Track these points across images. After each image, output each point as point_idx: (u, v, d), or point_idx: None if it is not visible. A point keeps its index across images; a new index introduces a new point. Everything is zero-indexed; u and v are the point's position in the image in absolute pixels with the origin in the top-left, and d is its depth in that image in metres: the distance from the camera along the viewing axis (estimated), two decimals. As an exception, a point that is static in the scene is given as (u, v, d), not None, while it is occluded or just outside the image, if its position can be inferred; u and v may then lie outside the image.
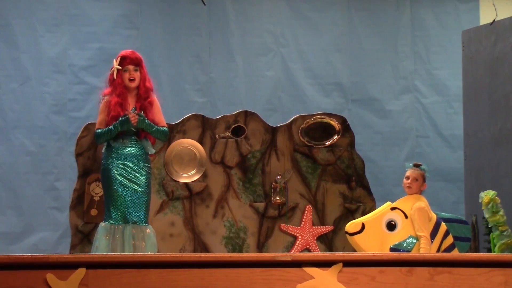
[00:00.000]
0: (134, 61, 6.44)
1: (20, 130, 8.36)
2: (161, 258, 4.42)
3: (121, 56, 6.44)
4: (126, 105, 6.39)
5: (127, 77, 6.40)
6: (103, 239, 6.31)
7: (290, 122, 7.81)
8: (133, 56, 6.47)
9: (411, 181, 6.18)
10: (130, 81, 6.40)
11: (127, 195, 6.32)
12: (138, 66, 6.46)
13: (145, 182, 6.40)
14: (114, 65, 6.44)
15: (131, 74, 6.41)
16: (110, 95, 6.45)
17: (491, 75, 8.01)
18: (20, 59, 8.40)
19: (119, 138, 6.37)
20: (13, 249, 8.14)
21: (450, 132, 9.17)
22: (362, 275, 4.43)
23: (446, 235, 6.18)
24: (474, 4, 9.29)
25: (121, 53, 6.47)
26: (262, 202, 7.63)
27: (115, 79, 6.41)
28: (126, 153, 6.38)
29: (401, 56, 9.21)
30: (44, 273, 4.23)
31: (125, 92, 6.40)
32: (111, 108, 6.35)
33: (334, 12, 9.11)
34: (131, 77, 6.40)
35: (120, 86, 6.39)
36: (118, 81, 6.40)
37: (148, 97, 6.43)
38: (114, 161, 6.35)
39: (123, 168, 6.35)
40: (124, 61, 6.43)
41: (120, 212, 6.29)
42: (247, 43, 8.93)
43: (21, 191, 8.31)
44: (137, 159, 6.41)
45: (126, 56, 6.44)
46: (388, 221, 6.12)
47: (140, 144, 6.42)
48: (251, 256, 4.82)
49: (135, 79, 6.41)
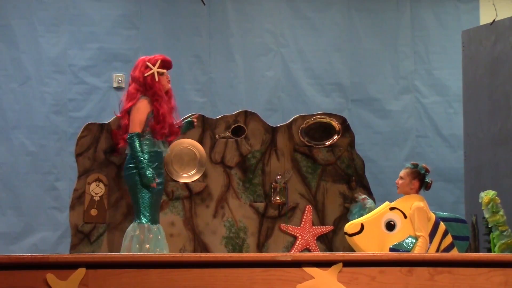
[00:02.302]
0: (170, 65, 6.77)
1: (20, 130, 8.36)
2: (161, 258, 4.43)
3: (162, 60, 6.70)
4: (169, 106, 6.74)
5: (166, 80, 6.72)
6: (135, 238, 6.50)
7: (290, 122, 7.81)
8: (169, 60, 6.79)
9: (398, 179, 6.26)
10: (168, 83, 6.74)
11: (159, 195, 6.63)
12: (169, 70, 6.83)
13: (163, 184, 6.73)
14: (152, 68, 6.64)
15: (168, 78, 6.75)
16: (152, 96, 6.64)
17: (491, 75, 8.01)
18: (20, 59, 8.40)
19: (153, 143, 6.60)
20: (13, 249, 8.14)
21: (450, 132, 9.17)
22: (362, 275, 4.44)
23: (445, 235, 6.18)
24: (474, 4, 9.29)
25: (158, 57, 6.73)
26: (262, 202, 7.63)
27: (157, 81, 6.65)
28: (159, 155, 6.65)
29: (401, 56, 9.21)
30: (44, 273, 4.23)
31: (164, 95, 6.71)
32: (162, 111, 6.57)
33: (334, 12, 9.11)
34: (168, 80, 6.75)
35: (161, 91, 6.66)
36: (160, 83, 6.67)
37: (173, 102, 6.79)
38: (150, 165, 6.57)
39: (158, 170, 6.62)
40: (164, 64, 6.68)
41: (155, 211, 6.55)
42: (247, 43, 8.93)
43: (21, 191, 8.31)
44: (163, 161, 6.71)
45: (163, 60, 6.73)
46: (387, 221, 6.12)
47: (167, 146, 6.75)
48: (251, 256, 4.82)
49: (169, 82, 6.77)
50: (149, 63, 6.76)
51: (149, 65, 6.75)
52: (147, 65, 6.76)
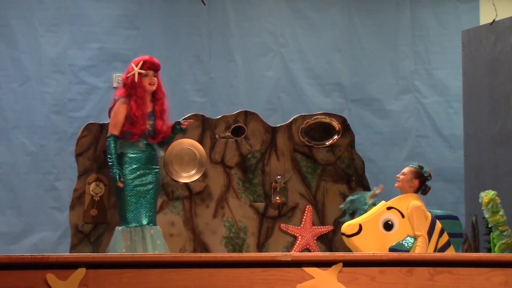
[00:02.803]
0: (154, 66, 6.72)
1: (20, 130, 8.35)
2: (161, 258, 4.43)
3: (144, 61, 6.66)
4: (145, 108, 6.62)
5: (148, 82, 6.65)
6: (121, 242, 6.46)
7: (290, 122, 7.81)
8: (154, 62, 6.74)
9: (399, 174, 6.26)
10: (150, 85, 6.64)
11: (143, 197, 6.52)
12: (157, 72, 6.71)
13: (156, 184, 6.63)
14: (134, 68, 6.61)
15: (151, 79, 6.68)
16: (126, 97, 6.64)
17: (491, 75, 8.01)
18: (20, 59, 8.40)
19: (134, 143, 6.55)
20: (13, 249, 8.14)
21: (450, 132, 9.17)
22: (362, 275, 4.44)
23: (442, 233, 6.17)
24: (474, 4, 9.29)
25: (142, 58, 6.71)
26: (262, 202, 7.63)
27: (136, 82, 6.60)
28: (141, 157, 6.58)
29: (401, 56, 9.21)
30: (44, 273, 4.24)
31: (144, 96, 6.63)
32: (134, 110, 6.54)
33: (334, 12, 9.11)
34: (152, 82, 6.67)
35: (141, 90, 6.59)
36: (139, 84, 6.61)
37: (163, 103, 6.70)
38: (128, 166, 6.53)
39: (139, 172, 6.53)
40: (144, 65, 6.64)
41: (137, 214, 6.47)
42: (247, 43, 8.93)
43: (21, 191, 8.31)
44: (150, 162, 6.62)
45: (147, 61, 6.68)
46: (385, 221, 6.10)
47: (152, 147, 6.65)
48: (251, 256, 4.82)
49: (154, 84, 6.67)
50: (133, 64, 6.79)
51: (133, 66, 6.77)
52: (131, 65, 6.79)
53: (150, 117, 6.81)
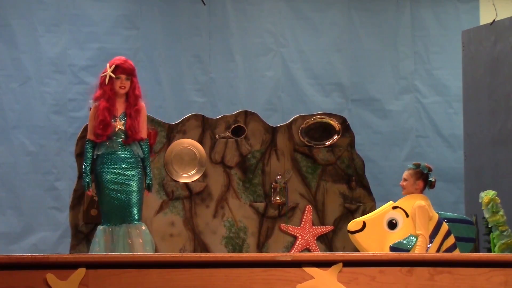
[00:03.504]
0: (127, 71, 6.67)
1: (20, 130, 8.36)
2: (161, 258, 4.43)
3: (116, 65, 6.64)
4: (114, 110, 6.63)
5: (118, 85, 6.63)
6: (102, 241, 6.44)
7: (290, 122, 7.81)
8: (126, 66, 6.68)
9: (402, 181, 6.26)
10: (120, 88, 6.62)
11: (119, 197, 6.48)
12: (130, 75, 6.68)
13: (136, 183, 6.56)
14: (107, 70, 6.59)
15: (122, 83, 6.65)
16: (98, 99, 6.65)
17: (491, 75, 8.01)
18: (20, 59, 8.40)
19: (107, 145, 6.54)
20: (13, 249, 8.14)
21: (450, 132, 9.17)
22: (362, 275, 4.44)
23: (448, 236, 6.17)
24: (474, 4, 9.29)
25: (115, 61, 6.67)
26: (262, 202, 7.63)
27: (106, 84, 6.60)
28: (115, 157, 6.57)
29: (401, 56, 9.21)
30: (44, 273, 4.23)
31: (113, 98, 6.63)
32: (98, 112, 6.56)
33: (334, 12, 9.11)
34: (122, 85, 6.64)
35: (110, 92, 6.60)
36: (108, 87, 6.61)
37: (136, 104, 6.66)
38: (104, 166, 6.52)
39: (113, 172, 6.51)
40: (117, 69, 6.63)
41: (113, 214, 6.44)
42: (247, 43, 8.93)
43: (21, 191, 8.31)
44: (126, 162, 6.59)
45: (119, 65, 6.65)
46: (389, 220, 6.13)
47: (128, 148, 6.61)
48: (251, 256, 4.82)
49: (125, 87, 6.63)
50: (108, 65, 6.76)
51: (107, 67, 6.74)
52: (107, 66, 6.76)
53: (123, 118, 6.78)
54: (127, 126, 6.68)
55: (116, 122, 6.65)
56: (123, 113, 6.65)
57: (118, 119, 6.68)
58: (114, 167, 6.60)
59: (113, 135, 6.60)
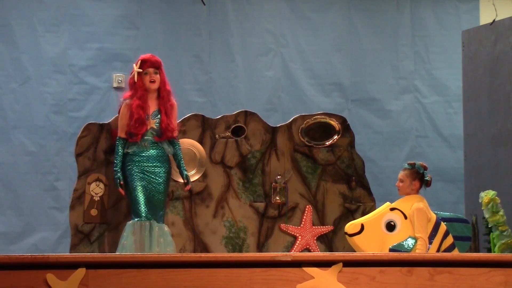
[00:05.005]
0: (154, 64, 6.70)
1: (20, 130, 8.36)
2: (161, 258, 4.43)
3: (141, 60, 6.68)
4: (147, 107, 6.64)
5: (148, 80, 6.64)
6: (130, 236, 6.50)
7: (290, 122, 7.81)
8: (153, 59, 6.73)
9: (398, 182, 6.25)
10: (151, 83, 6.63)
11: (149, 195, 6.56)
12: (158, 69, 6.72)
13: (164, 183, 6.67)
14: (134, 68, 6.62)
15: (151, 77, 6.67)
16: (130, 98, 6.66)
17: (491, 75, 8.01)
18: (20, 59, 8.40)
19: (139, 143, 6.59)
20: (13, 249, 8.14)
21: (450, 132, 9.17)
22: (362, 275, 4.43)
23: (446, 235, 6.17)
24: (474, 4, 9.29)
25: (141, 57, 6.72)
26: (262, 202, 7.63)
27: (136, 82, 6.62)
28: (147, 155, 6.61)
29: (401, 56, 9.21)
30: (44, 273, 4.23)
31: (145, 95, 6.64)
32: (133, 110, 6.59)
33: (334, 12, 9.11)
34: (152, 79, 6.66)
35: (141, 89, 6.62)
36: (139, 84, 6.63)
37: (169, 100, 6.70)
38: (134, 165, 6.57)
39: (144, 170, 6.57)
40: (144, 64, 6.67)
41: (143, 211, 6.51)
42: (247, 43, 8.93)
43: (21, 191, 8.31)
44: (157, 160, 6.65)
45: (146, 59, 6.70)
46: (387, 222, 6.11)
47: (160, 145, 6.67)
48: (251, 256, 4.82)
49: (155, 81, 6.67)
50: (134, 65, 6.80)
51: (134, 66, 6.78)
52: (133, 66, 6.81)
53: (155, 116, 6.81)
54: (163, 124, 6.71)
55: (149, 120, 6.68)
56: (156, 111, 6.66)
57: (151, 117, 6.71)
58: (145, 165, 6.66)
59: (144, 133, 6.64)
